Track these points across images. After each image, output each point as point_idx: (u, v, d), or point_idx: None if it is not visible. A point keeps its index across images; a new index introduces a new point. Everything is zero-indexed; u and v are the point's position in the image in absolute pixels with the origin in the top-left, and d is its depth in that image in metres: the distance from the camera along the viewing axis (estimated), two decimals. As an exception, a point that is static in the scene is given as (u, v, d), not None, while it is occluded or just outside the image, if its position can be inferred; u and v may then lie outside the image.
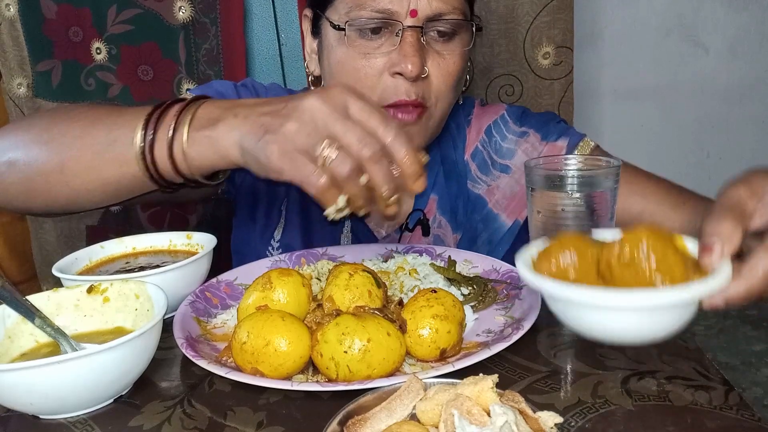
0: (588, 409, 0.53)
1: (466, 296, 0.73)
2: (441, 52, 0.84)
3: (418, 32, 0.81)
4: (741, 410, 0.52)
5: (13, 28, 1.37)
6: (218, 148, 0.65)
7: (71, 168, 0.73)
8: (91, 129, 0.74)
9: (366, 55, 0.83)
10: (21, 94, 1.42)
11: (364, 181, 0.60)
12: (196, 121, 0.67)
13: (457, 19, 0.83)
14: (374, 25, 0.81)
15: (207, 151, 0.66)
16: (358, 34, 0.82)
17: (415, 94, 0.82)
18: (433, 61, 0.83)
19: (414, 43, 0.80)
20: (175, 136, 0.67)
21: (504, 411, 0.42)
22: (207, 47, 1.33)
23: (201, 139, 0.66)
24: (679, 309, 0.51)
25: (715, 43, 2.55)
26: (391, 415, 0.46)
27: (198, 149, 0.66)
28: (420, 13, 0.80)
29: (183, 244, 0.87)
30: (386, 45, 0.82)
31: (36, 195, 0.77)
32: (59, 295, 0.68)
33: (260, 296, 0.66)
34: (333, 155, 0.59)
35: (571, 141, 0.96)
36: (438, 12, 0.81)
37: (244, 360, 0.59)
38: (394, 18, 0.80)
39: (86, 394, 0.56)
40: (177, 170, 0.68)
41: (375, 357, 0.57)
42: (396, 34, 0.81)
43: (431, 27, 0.82)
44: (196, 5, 1.31)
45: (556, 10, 1.38)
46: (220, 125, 0.65)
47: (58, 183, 0.74)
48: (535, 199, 0.73)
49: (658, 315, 0.52)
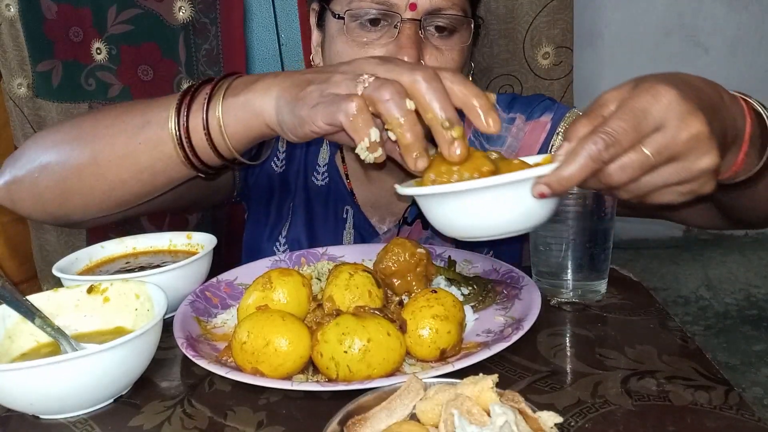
0: (588, 409, 0.53)
1: (466, 296, 0.73)
2: (439, 47, 0.84)
3: (417, 25, 0.81)
4: (741, 410, 0.52)
5: (14, 28, 1.37)
6: (254, 107, 0.64)
7: (104, 157, 0.72)
8: (124, 116, 0.73)
9: (364, 45, 0.83)
10: (21, 94, 1.42)
11: (411, 106, 0.55)
12: (231, 89, 0.67)
13: (456, 14, 0.83)
14: (374, 15, 0.81)
15: (241, 112, 0.65)
16: (357, 24, 0.83)
17: None
18: (431, 55, 0.83)
19: (412, 35, 0.81)
20: (210, 105, 0.67)
21: (504, 411, 0.42)
22: (207, 47, 1.33)
23: (236, 103, 0.66)
24: (514, 196, 0.54)
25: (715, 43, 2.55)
26: (391, 415, 0.46)
27: (233, 113, 0.66)
28: (419, 6, 0.81)
29: (183, 244, 0.87)
30: (385, 37, 0.83)
31: (71, 195, 0.75)
32: (59, 295, 0.68)
33: (260, 296, 0.66)
34: (370, 80, 0.56)
35: (556, 115, 0.96)
36: (437, 6, 0.81)
37: (244, 360, 0.59)
38: (393, 10, 0.81)
39: (86, 394, 0.56)
40: (213, 144, 0.67)
41: (375, 357, 0.57)
42: (394, 26, 0.81)
43: (430, 21, 0.82)
44: (196, 5, 1.31)
45: (556, 10, 1.38)
46: (258, 84, 0.65)
47: (92, 176, 0.73)
48: (535, 199, 0.73)
49: (499, 202, 0.55)
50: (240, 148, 0.69)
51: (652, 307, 0.71)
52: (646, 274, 2.74)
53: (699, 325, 2.37)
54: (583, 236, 0.71)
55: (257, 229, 1.02)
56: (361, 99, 0.56)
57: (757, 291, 2.58)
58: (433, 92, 0.55)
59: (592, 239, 0.72)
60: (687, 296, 2.58)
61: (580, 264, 0.72)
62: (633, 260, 2.84)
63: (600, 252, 0.73)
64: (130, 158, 0.71)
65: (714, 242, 2.96)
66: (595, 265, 0.73)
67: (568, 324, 0.69)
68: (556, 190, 0.52)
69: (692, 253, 2.90)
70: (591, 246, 0.72)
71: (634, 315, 0.70)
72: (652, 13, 2.51)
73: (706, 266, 2.79)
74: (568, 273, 0.73)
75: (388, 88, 0.55)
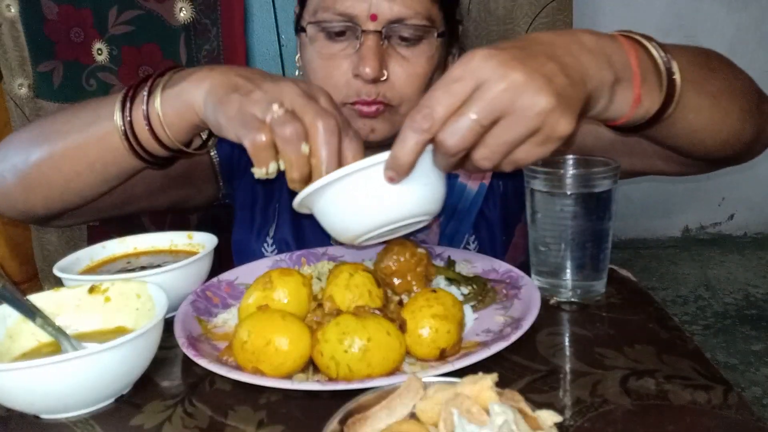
0: (587, 408, 0.54)
1: (466, 296, 0.73)
2: (405, 56, 0.83)
3: (379, 36, 0.80)
4: (740, 410, 0.52)
5: (14, 28, 1.37)
6: (187, 98, 0.68)
7: (59, 151, 0.77)
8: (79, 112, 0.78)
9: (330, 56, 0.83)
10: (22, 94, 1.42)
11: (305, 150, 0.60)
12: (171, 81, 0.71)
13: (420, 23, 0.81)
14: (337, 28, 0.81)
15: (177, 102, 0.69)
16: (324, 35, 0.83)
17: (375, 94, 0.82)
18: (397, 65, 0.82)
19: (372, 46, 0.80)
20: (151, 97, 0.71)
21: (503, 410, 0.42)
22: (208, 48, 1.33)
23: (172, 94, 0.69)
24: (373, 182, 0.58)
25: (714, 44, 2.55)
26: (391, 414, 0.46)
27: (170, 104, 0.69)
28: (380, 17, 0.80)
29: (184, 243, 0.87)
30: (348, 48, 0.82)
31: (33, 190, 0.79)
32: (60, 294, 0.69)
33: (261, 296, 0.66)
34: (280, 113, 0.60)
35: None
36: (399, 16, 0.80)
37: (244, 359, 0.59)
38: (354, 21, 0.80)
39: (87, 393, 0.57)
40: (154, 134, 0.71)
41: (375, 356, 0.57)
42: (357, 38, 0.81)
43: (393, 31, 0.81)
44: (197, 6, 1.31)
45: (556, 11, 1.38)
46: (194, 75, 0.69)
47: (51, 170, 0.77)
48: (533, 200, 0.73)
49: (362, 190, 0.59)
50: (181, 138, 0.73)
51: (651, 307, 0.71)
52: (645, 273, 2.74)
53: (698, 324, 2.37)
54: (583, 236, 0.72)
55: (244, 231, 1.02)
56: (269, 133, 0.60)
57: (756, 291, 2.58)
58: (325, 145, 0.61)
59: (591, 239, 0.72)
60: (686, 296, 2.58)
61: (579, 264, 0.73)
62: (632, 260, 2.84)
63: (599, 252, 0.73)
64: (81, 150, 0.76)
65: (713, 242, 2.97)
66: (594, 265, 0.73)
67: (567, 323, 0.69)
68: (399, 171, 0.57)
69: (691, 253, 2.90)
70: (590, 246, 0.72)
71: (633, 315, 0.70)
72: (652, 14, 2.51)
73: (705, 266, 2.79)
74: (567, 273, 0.73)
75: (290, 127, 0.60)
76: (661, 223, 2.82)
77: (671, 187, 2.72)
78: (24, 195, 0.80)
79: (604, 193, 0.71)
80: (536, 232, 0.74)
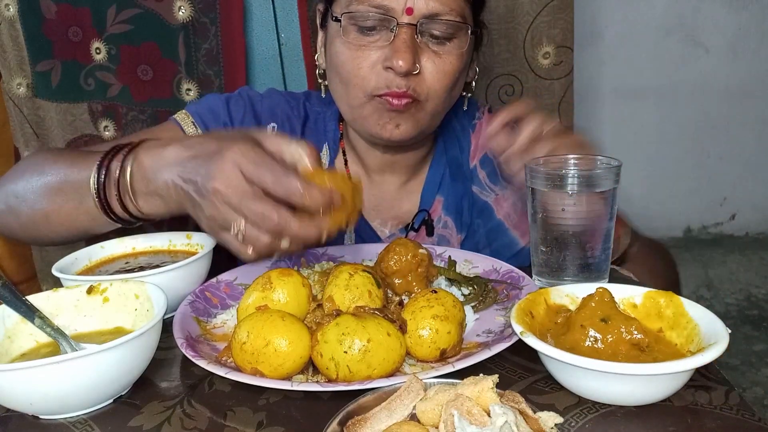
0: (588, 409, 0.53)
1: (467, 296, 0.73)
2: (437, 52, 0.84)
3: (413, 30, 0.81)
4: (741, 410, 0.52)
5: (13, 28, 1.37)
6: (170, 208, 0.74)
7: (54, 219, 0.81)
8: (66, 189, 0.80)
9: (361, 47, 0.84)
10: (21, 94, 1.42)
11: (285, 245, 0.65)
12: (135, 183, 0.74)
13: (454, 20, 0.83)
14: (371, 20, 0.82)
15: (161, 209, 0.75)
16: (355, 27, 0.84)
17: (405, 87, 0.83)
18: (428, 59, 0.84)
19: (407, 40, 0.81)
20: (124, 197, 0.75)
21: (504, 411, 0.42)
22: (207, 47, 1.33)
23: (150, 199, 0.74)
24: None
25: (715, 43, 2.55)
26: (391, 416, 0.46)
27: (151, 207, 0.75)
28: (416, 11, 0.81)
29: (183, 244, 0.87)
30: (381, 40, 0.83)
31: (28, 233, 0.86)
32: (59, 295, 0.68)
33: (260, 296, 0.65)
34: (244, 231, 0.64)
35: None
36: (434, 12, 0.81)
37: (244, 360, 0.59)
38: (390, 14, 0.81)
39: (86, 394, 0.56)
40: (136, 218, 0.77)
41: (375, 357, 0.56)
42: (391, 30, 0.82)
43: (427, 27, 0.82)
44: (196, 5, 1.30)
45: (556, 10, 1.38)
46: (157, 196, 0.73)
47: (44, 228, 0.83)
48: (535, 199, 0.73)
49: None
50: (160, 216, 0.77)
51: (653, 307, 0.71)
52: (646, 274, 2.73)
53: (699, 325, 2.37)
54: (583, 236, 0.71)
55: None
56: (253, 249, 0.65)
57: (757, 291, 2.58)
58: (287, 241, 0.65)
59: (592, 239, 0.72)
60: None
61: (580, 264, 0.72)
62: (633, 260, 2.84)
63: (600, 252, 0.73)
64: (72, 221, 0.81)
65: (714, 242, 2.96)
66: (595, 265, 0.73)
67: (569, 324, 0.69)
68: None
69: (693, 254, 2.89)
70: (591, 246, 0.72)
71: (635, 315, 0.69)
72: (653, 13, 2.50)
73: (706, 266, 2.79)
74: (568, 273, 0.73)
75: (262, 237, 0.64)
76: (662, 223, 2.81)
77: (673, 187, 2.72)
78: (20, 234, 0.87)
79: (605, 192, 0.71)
80: (537, 232, 0.74)
